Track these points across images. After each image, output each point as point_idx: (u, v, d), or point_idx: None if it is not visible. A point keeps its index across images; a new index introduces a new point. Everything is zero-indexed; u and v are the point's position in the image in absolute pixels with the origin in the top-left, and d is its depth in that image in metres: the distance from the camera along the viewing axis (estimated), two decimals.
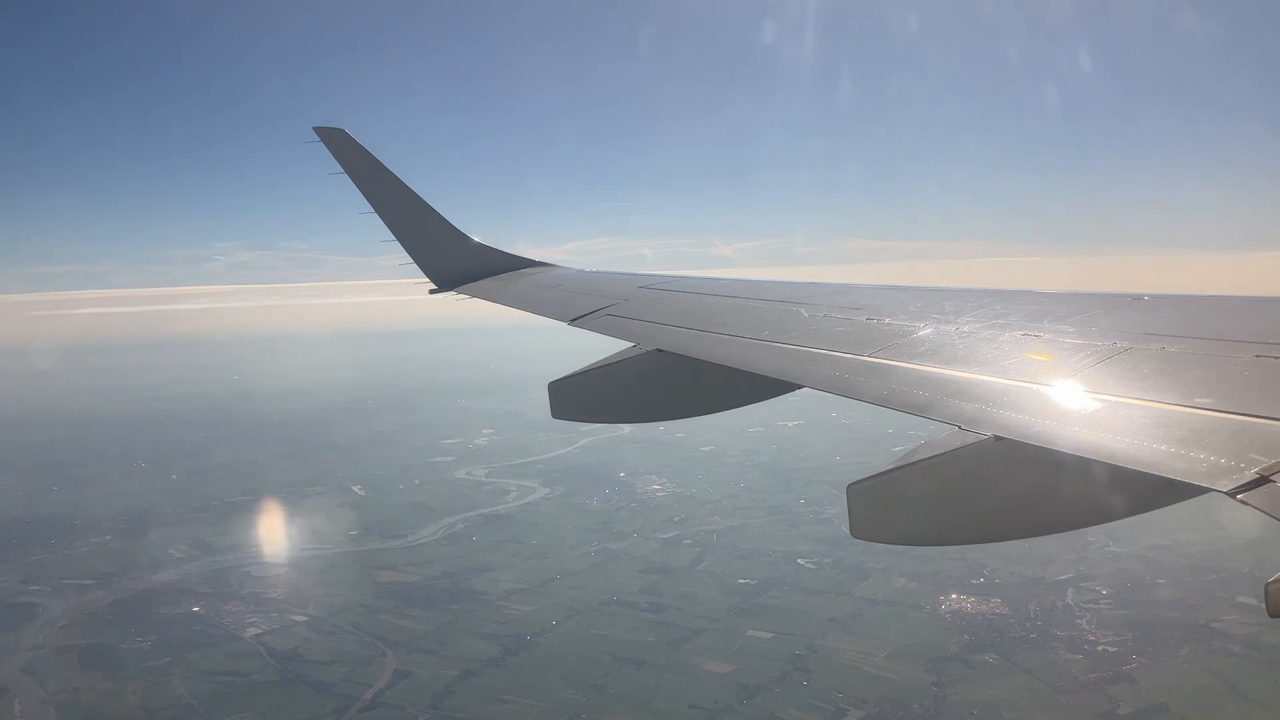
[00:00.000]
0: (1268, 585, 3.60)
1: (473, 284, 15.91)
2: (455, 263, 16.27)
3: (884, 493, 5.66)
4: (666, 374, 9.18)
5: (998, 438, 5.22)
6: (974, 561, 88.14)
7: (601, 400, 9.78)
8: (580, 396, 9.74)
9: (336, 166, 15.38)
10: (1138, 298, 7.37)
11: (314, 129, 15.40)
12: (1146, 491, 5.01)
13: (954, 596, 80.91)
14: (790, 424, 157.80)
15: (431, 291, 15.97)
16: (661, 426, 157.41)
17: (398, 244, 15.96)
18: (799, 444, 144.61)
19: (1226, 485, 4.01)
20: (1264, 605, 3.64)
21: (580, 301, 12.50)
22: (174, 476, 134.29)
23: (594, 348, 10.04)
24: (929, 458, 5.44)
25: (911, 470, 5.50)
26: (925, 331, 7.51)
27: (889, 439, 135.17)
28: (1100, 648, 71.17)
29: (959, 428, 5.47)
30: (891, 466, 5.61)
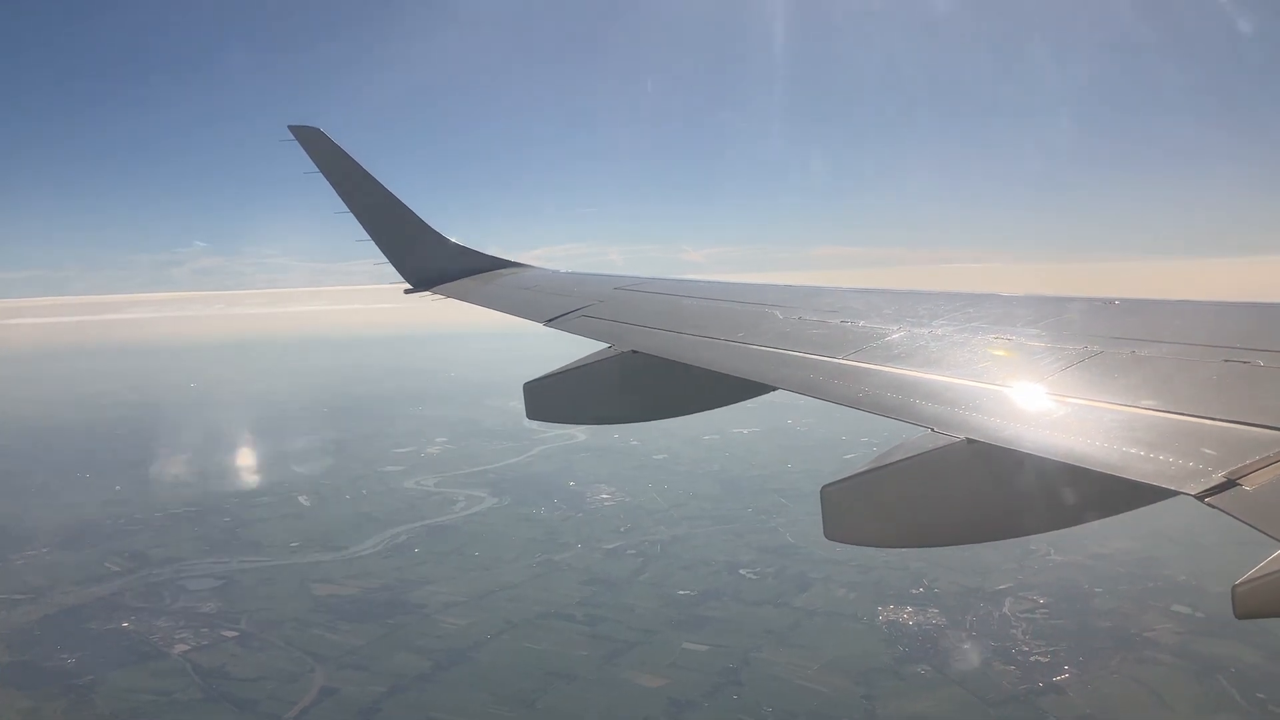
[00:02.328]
0: (1235, 587, 3.65)
1: (448, 284, 15.85)
2: (431, 263, 16.22)
3: (857, 495, 5.68)
4: (641, 375, 9.17)
5: (970, 440, 5.28)
6: (915, 571, 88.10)
7: (576, 401, 9.77)
8: (554, 397, 9.74)
9: (309, 167, 15.19)
10: (1109, 302, 7.44)
11: (289, 127, 15.24)
12: (1116, 494, 5.01)
13: (892, 607, 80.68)
14: (745, 431, 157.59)
15: (407, 291, 15.89)
16: (616, 434, 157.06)
17: (367, 250, 15.78)
18: (752, 452, 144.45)
19: (1194, 489, 4.08)
20: (1230, 607, 3.69)
21: (556, 302, 12.49)
22: (118, 487, 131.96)
23: (558, 353, 9.86)
24: (902, 460, 5.46)
25: (885, 472, 5.52)
26: (899, 335, 7.58)
27: (842, 446, 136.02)
28: (1033, 658, 71.14)
29: (932, 430, 5.52)
30: (865, 469, 5.61)
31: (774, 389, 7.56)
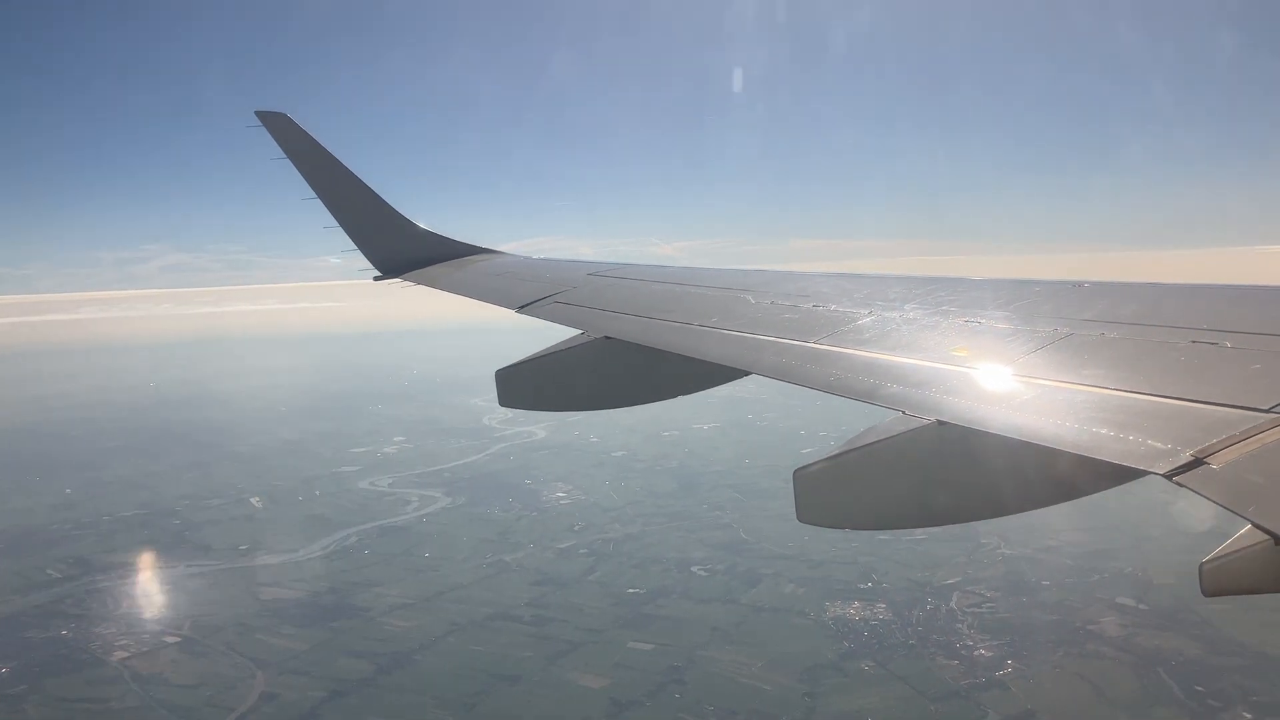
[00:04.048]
0: (1202, 565, 3.72)
1: (418, 271, 15.55)
2: (400, 249, 15.93)
3: (829, 478, 5.69)
4: (615, 361, 9.15)
5: (941, 422, 5.32)
6: (864, 566, 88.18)
7: (549, 388, 9.66)
8: (528, 384, 9.62)
9: (277, 153, 14.96)
10: (1078, 285, 7.43)
11: (256, 113, 14.98)
12: (1085, 475, 5.02)
13: (839, 603, 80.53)
14: (705, 427, 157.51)
15: (376, 278, 15.59)
16: (576, 430, 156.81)
17: (332, 244, 15.50)
18: (711, 448, 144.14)
19: (1163, 468, 4.12)
20: (1198, 585, 3.76)
21: (528, 288, 12.30)
22: (68, 490, 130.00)
23: (524, 348, 9.66)
24: (873, 442, 5.49)
25: (856, 455, 5.54)
26: (870, 318, 7.61)
27: (801, 441, 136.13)
28: (977, 652, 71.17)
29: (903, 413, 5.56)
30: (837, 451, 5.64)
31: (747, 374, 7.53)
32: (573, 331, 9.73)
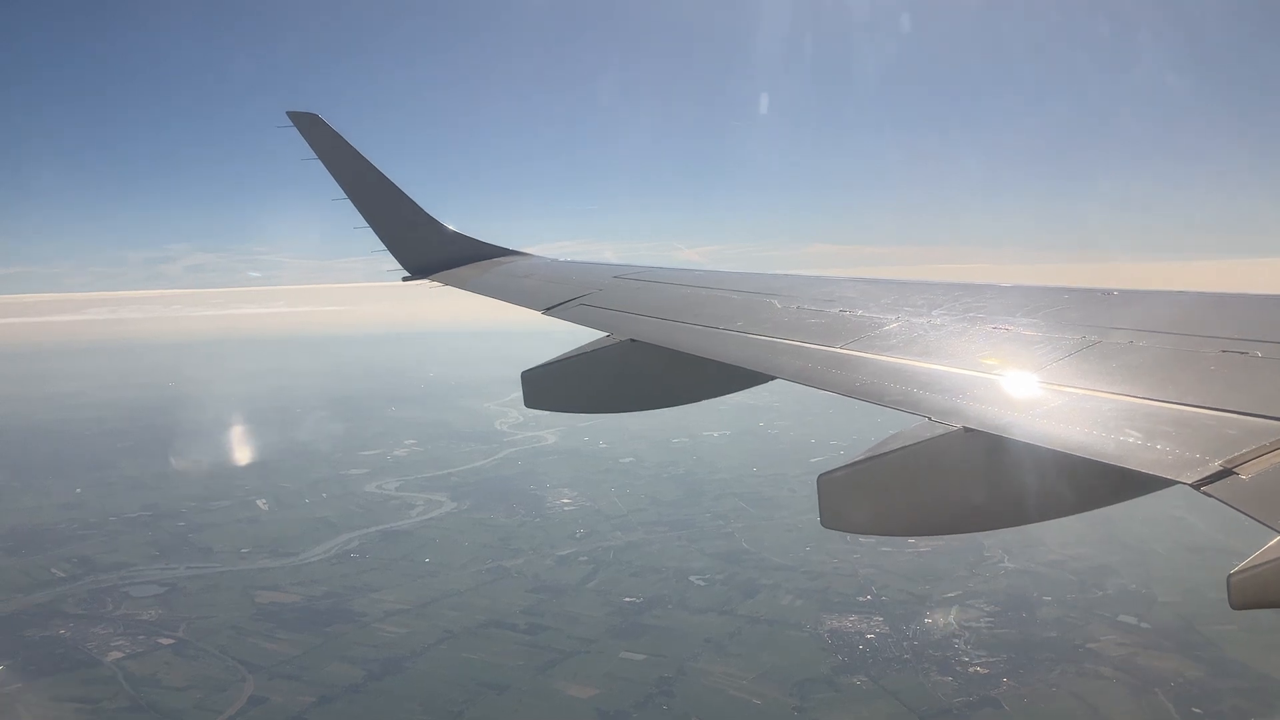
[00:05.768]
0: (1230, 576, 3.62)
1: (446, 272, 15.75)
2: (428, 250, 16.18)
3: (854, 484, 5.67)
4: (640, 364, 9.19)
5: (967, 429, 5.29)
6: (864, 578, 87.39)
7: (574, 390, 9.72)
8: (553, 386, 9.67)
9: (306, 155, 15.18)
10: (1107, 293, 7.40)
11: (288, 113, 15.19)
12: (1112, 484, 5.02)
13: (837, 615, 79.75)
14: (715, 434, 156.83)
15: (405, 279, 15.84)
16: (585, 436, 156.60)
17: (359, 246, 15.78)
18: (719, 455, 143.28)
19: (1190, 478, 4.08)
20: (1226, 597, 3.67)
21: (554, 290, 12.38)
22: (78, 490, 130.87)
23: (541, 352, 9.62)
24: (899, 449, 5.45)
25: (882, 461, 5.51)
26: (896, 324, 7.58)
27: (810, 450, 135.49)
28: (973, 669, 70.22)
29: (929, 419, 5.53)
30: (862, 457, 5.61)
31: (772, 378, 7.54)
32: (595, 334, 9.72)
